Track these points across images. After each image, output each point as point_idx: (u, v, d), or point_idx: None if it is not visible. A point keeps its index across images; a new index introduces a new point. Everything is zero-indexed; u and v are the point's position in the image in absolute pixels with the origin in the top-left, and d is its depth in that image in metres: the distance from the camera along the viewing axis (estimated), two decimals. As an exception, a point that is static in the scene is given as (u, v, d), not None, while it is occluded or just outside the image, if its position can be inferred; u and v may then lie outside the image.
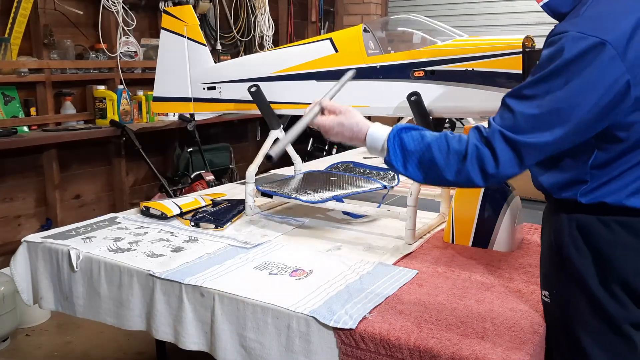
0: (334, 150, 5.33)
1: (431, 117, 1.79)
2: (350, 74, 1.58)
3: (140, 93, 3.92)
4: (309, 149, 5.34)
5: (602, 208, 1.18)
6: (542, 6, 1.22)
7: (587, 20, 1.09)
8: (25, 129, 3.31)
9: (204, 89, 2.22)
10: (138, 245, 1.78)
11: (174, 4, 3.94)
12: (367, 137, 1.30)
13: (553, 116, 1.11)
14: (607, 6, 1.11)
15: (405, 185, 2.20)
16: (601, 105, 1.08)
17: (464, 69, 1.69)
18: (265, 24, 5.01)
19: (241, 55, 4.79)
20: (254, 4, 4.90)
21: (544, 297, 1.32)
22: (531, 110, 1.12)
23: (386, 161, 1.28)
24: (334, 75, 1.93)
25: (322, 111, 1.38)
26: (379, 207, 2.01)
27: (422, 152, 1.21)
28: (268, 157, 1.27)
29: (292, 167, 2.35)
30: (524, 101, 1.14)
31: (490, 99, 1.66)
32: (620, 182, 1.16)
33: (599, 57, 1.05)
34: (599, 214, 1.19)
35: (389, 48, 1.88)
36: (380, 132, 1.28)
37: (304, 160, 2.59)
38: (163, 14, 2.30)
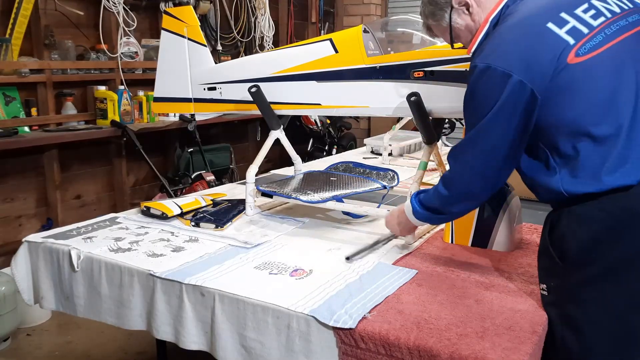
0: (334, 151, 5.34)
1: (431, 118, 1.80)
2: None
3: (141, 93, 3.93)
4: (309, 149, 5.35)
5: (586, 198, 1.26)
6: (471, 55, 1.43)
7: (481, 53, 1.33)
8: (26, 129, 3.31)
9: (204, 89, 2.22)
10: (139, 245, 1.78)
11: (175, 5, 3.95)
12: (405, 209, 1.61)
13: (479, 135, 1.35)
14: (496, 38, 1.33)
15: (405, 185, 2.20)
16: (510, 112, 1.27)
17: (464, 69, 1.69)
18: (265, 25, 5.01)
19: (241, 56, 4.80)
20: (254, 5, 4.90)
21: (541, 291, 1.38)
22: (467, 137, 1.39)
23: (427, 208, 1.54)
24: (334, 75, 1.93)
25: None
26: (379, 207, 2.01)
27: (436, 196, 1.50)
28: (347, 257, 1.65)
29: (292, 167, 2.35)
30: (467, 132, 1.38)
31: (489, 100, 1.67)
32: (586, 171, 1.24)
33: (489, 77, 1.28)
34: (586, 201, 1.26)
35: (389, 49, 1.88)
36: (406, 203, 1.60)
37: (304, 160, 2.59)
38: (164, 15, 2.31)
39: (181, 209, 2.06)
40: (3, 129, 3.12)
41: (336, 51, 1.93)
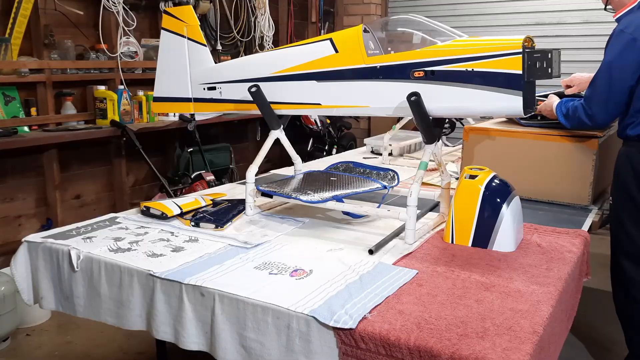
0: (334, 151, 5.34)
1: (431, 118, 1.79)
2: None
3: (141, 93, 3.92)
4: (309, 149, 5.34)
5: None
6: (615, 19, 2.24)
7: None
8: (26, 129, 3.31)
9: (204, 89, 2.22)
10: (138, 245, 1.78)
11: (175, 5, 3.94)
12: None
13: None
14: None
15: (405, 185, 2.20)
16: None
17: (464, 69, 1.69)
18: (265, 25, 5.01)
19: (241, 56, 4.79)
20: (254, 5, 4.90)
21: (609, 202, 2.40)
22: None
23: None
24: (334, 75, 1.93)
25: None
26: (379, 207, 2.01)
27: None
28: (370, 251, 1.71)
29: (292, 167, 2.35)
30: None
31: (490, 100, 1.67)
32: None
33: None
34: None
35: (389, 48, 1.88)
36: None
37: (304, 160, 2.59)
38: (163, 15, 2.30)
39: (181, 209, 2.05)
40: (3, 128, 3.11)
41: (336, 51, 1.93)
